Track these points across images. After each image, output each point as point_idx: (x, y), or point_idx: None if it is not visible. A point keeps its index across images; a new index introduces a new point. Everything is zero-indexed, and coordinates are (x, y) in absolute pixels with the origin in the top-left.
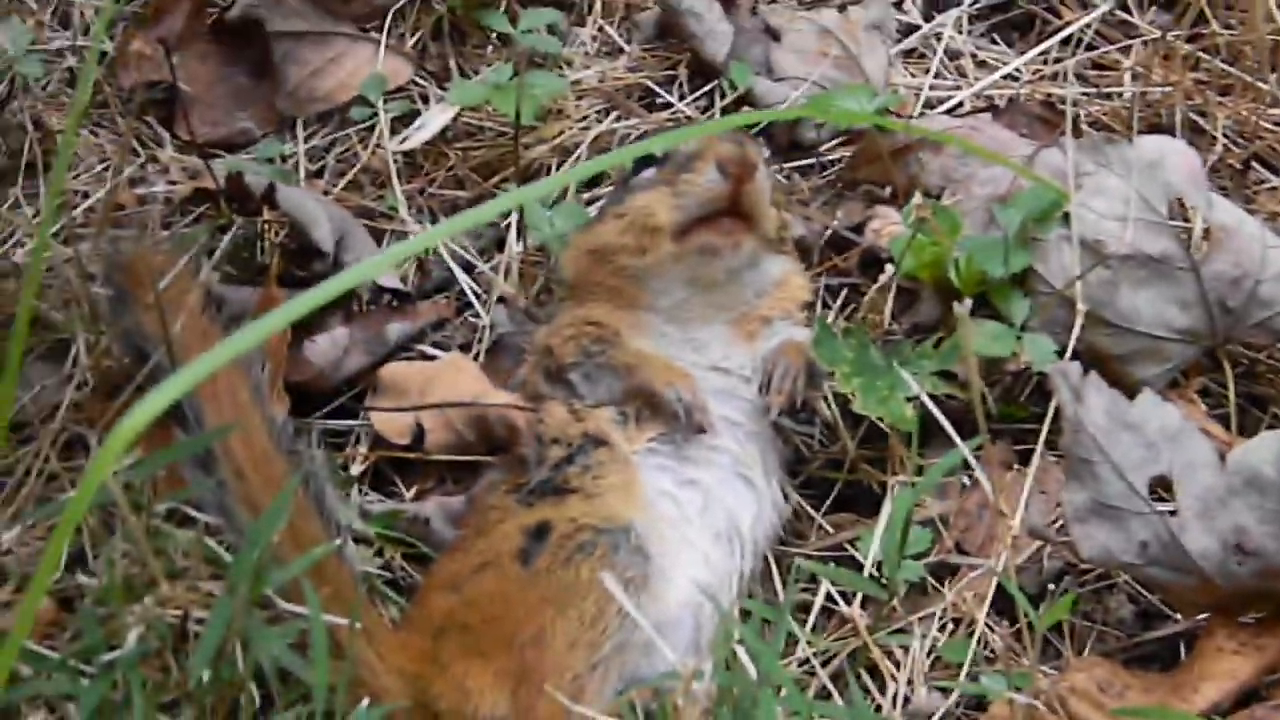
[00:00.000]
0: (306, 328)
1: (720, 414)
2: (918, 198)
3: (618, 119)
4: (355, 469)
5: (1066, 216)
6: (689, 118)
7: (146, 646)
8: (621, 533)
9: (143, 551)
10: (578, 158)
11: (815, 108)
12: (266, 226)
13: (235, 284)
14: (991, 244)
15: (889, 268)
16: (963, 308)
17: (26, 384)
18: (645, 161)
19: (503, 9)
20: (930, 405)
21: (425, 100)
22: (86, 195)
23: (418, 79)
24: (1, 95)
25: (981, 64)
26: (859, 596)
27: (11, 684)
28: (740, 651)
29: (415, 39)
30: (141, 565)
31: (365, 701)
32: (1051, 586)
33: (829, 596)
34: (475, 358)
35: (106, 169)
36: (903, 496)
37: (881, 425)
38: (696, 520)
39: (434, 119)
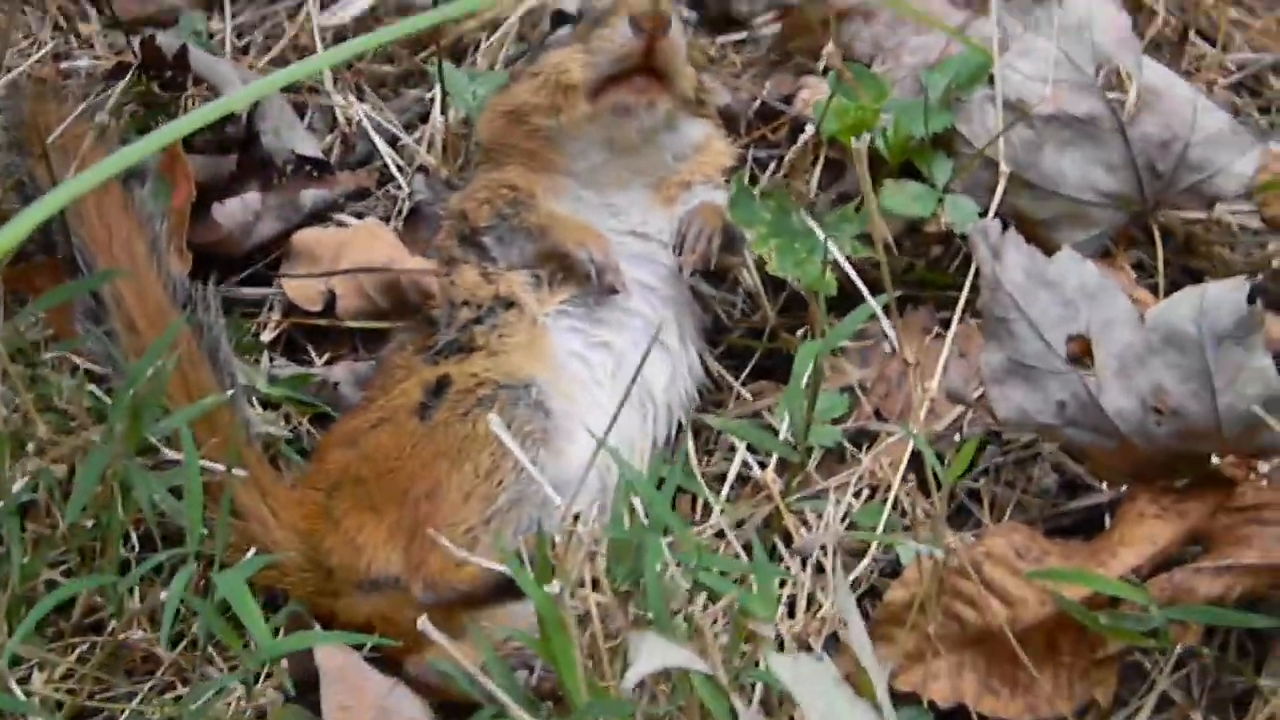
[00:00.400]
0: (218, 192)
1: (636, 278)
2: (838, 60)
3: None
4: (267, 335)
5: (993, 79)
6: None
7: (21, 498)
8: (522, 388)
9: (23, 399)
10: (507, 33)
11: None
12: (188, 100)
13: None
14: (915, 106)
15: (810, 129)
16: (860, 142)
17: None
18: (562, 20)
19: None
20: (845, 266)
21: None
22: (9, 70)
23: None
24: None
25: None
26: (774, 462)
27: None
28: (639, 508)
29: None
30: (26, 419)
31: (251, 551)
32: (977, 457)
33: (744, 464)
34: (395, 230)
35: (32, 44)
36: (807, 347)
37: (802, 293)
38: (607, 383)
39: None
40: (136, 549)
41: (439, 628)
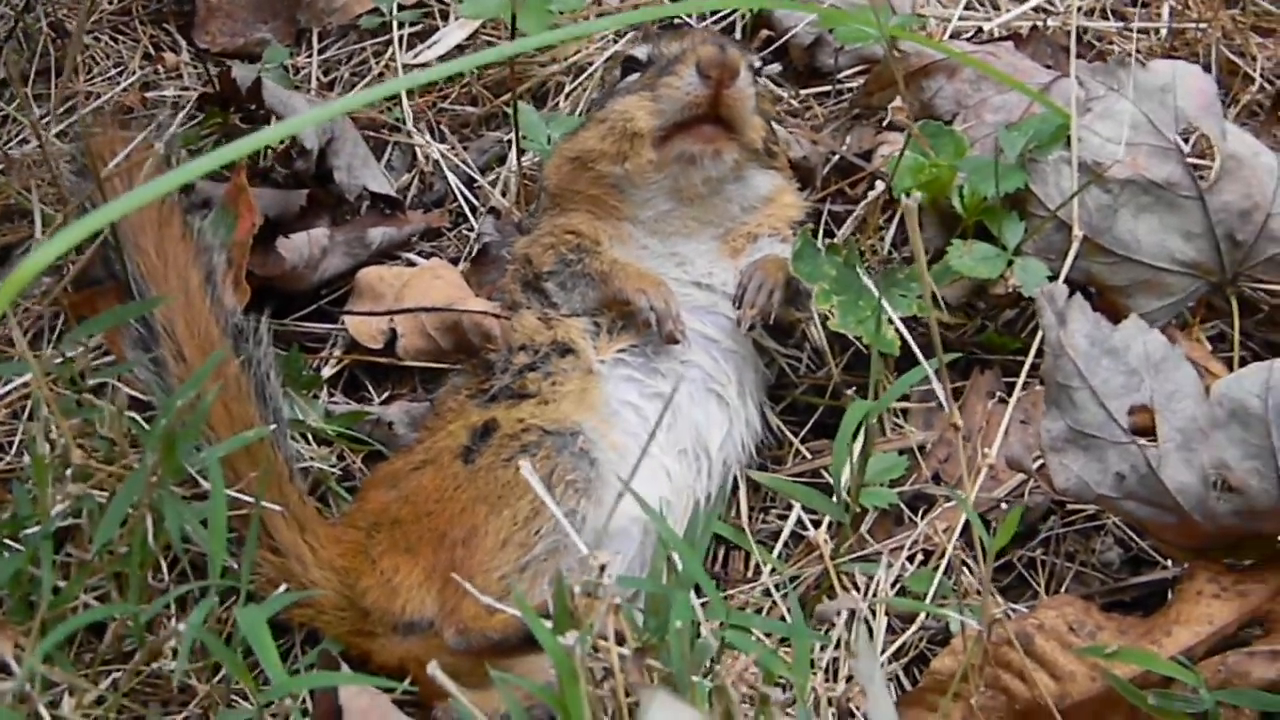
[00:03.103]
0: (287, 226)
1: (698, 329)
2: (909, 116)
3: (636, 41)
4: (328, 371)
5: (1070, 140)
6: None
7: (59, 523)
8: (568, 435)
9: (60, 427)
10: (590, 76)
11: (827, 20)
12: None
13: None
14: (990, 165)
15: (880, 185)
16: (911, 200)
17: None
18: (632, 67)
19: None
20: (899, 325)
21: (445, 19)
22: (99, 97)
23: None
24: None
25: None
26: (826, 522)
27: None
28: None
29: None
30: (77, 445)
31: (283, 587)
32: (1038, 526)
33: (799, 522)
34: (461, 271)
35: (121, 73)
36: (856, 406)
37: (868, 352)
38: (660, 435)
39: (450, 35)
40: (171, 579)
41: (474, 674)
